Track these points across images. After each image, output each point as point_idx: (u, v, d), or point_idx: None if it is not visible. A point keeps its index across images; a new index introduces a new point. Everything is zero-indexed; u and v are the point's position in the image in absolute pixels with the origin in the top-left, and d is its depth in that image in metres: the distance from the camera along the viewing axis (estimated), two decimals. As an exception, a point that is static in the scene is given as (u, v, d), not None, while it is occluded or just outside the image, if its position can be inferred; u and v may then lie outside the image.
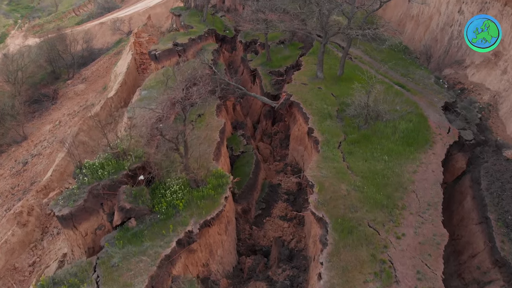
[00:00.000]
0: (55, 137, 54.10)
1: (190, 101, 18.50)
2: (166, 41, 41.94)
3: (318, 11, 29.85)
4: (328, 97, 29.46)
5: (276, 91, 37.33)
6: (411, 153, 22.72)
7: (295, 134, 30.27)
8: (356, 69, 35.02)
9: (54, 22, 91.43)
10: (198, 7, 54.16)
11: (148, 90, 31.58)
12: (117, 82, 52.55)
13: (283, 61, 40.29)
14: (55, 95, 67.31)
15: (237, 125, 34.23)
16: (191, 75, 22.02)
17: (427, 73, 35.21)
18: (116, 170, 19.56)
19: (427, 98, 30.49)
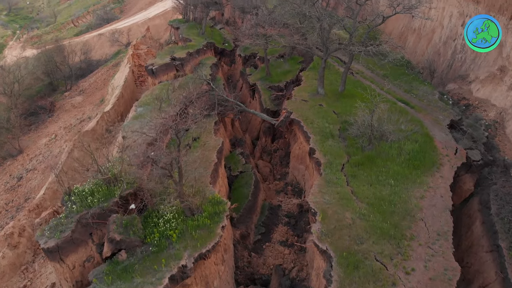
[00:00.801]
0: (51, 151, 53.19)
1: (184, 127, 17.46)
2: (164, 55, 41.09)
3: (319, 26, 29.00)
4: (330, 114, 28.47)
5: (276, 106, 36.39)
6: (417, 176, 21.64)
7: (296, 153, 29.22)
8: (357, 85, 34.09)
9: (52, 33, 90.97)
10: (197, 19, 53.48)
11: (144, 107, 30.59)
12: (114, 95, 51.65)
13: (283, 76, 39.40)
14: (52, 108, 66.50)
15: (235, 142, 33.21)
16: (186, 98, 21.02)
17: (431, 88, 34.27)
18: (107, 197, 18.46)
19: (432, 116, 29.49)
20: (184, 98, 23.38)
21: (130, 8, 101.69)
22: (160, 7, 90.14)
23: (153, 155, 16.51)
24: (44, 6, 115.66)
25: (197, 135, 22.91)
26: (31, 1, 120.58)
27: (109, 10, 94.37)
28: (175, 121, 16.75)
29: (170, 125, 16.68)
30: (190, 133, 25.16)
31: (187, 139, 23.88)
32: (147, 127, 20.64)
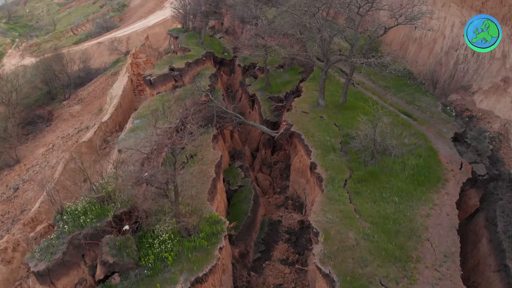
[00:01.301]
0: (47, 161, 52.54)
1: (180, 145, 16.79)
2: (162, 65, 40.57)
3: (320, 37, 28.47)
4: (331, 127, 27.84)
5: (276, 117, 35.79)
6: (422, 193, 20.94)
7: (296, 166, 28.54)
8: (359, 96, 33.54)
9: (51, 42, 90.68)
10: (196, 29, 53.09)
11: (141, 119, 29.97)
12: (112, 105, 51.05)
13: (282, 86, 38.86)
14: (50, 117, 65.90)
15: (235, 154, 32.53)
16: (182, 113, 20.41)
17: (433, 100, 33.70)
18: (100, 216, 17.74)
19: (435, 128, 28.88)
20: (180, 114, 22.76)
21: (129, 16, 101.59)
22: (160, 16, 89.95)
23: (147, 175, 15.83)
24: (44, 14, 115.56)
25: (194, 151, 22.23)
26: (30, 9, 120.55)
27: (109, 18, 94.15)
28: (171, 139, 16.09)
29: (165, 143, 16.01)
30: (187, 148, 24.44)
31: (183, 155, 23.20)
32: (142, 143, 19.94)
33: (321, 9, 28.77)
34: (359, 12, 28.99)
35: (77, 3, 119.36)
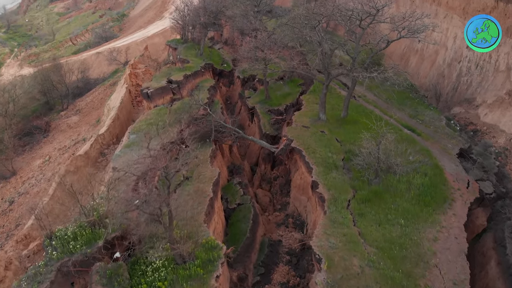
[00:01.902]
0: (43, 174, 51.73)
1: (174, 170, 15.94)
2: (160, 77, 39.89)
3: (320, 51, 27.80)
4: (333, 143, 27.03)
5: (276, 131, 35.00)
6: (429, 214, 20.06)
7: (297, 182, 27.66)
8: (360, 109, 32.80)
9: (50, 52, 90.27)
10: (195, 40, 52.50)
11: (137, 134, 29.15)
12: (110, 117, 50.30)
13: (282, 99, 38.13)
14: (47, 128, 65.16)
15: (233, 169, 31.67)
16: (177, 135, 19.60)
17: (437, 114, 32.95)
18: (91, 241, 16.84)
19: (440, 144, 28.07)
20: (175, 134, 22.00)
21: (129, 26, 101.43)
22: (159, 26, 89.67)
23: (138, 203, 14.99)
24: (43, 24, 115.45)
25: (190, 173, 21.35)
26: (30, 19, 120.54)
27: (108, 28, 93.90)
28: (165, 161, 15.26)
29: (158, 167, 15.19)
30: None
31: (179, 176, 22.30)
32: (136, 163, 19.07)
33: (322, 22, 28.10)
34: (361, 25, 28.38)
35: (76, 12, 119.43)
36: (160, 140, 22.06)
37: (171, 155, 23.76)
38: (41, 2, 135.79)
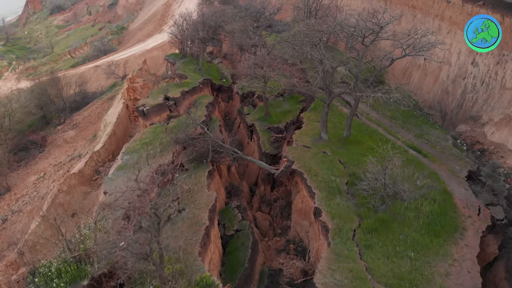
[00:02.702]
0: (37, 191, 50.54)
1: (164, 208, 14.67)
2: (157, 94, 38.85)
3: (322, 69, 26.79)
4: (336, 165, 25.82)
5: (276, 149, 33.84)
6: (440, 246, 18.77)
7: (298, 206, 26.38)
8: (363, 128, 31.68)
9: (48, 65, 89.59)
10: (194, 54, 51.67)
11: (131, 155, 27.97)
12: (106, 133, 49.16)
13: (282, 116, 37.04)
14: (43, 142, 64.13)
15: (232, 190, 30.40)
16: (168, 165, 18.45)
17: (443, 133, 31.80)
18: (76, 278, 15.52)
19: (448, 166, 26.87)
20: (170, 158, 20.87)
21: (128, 39, 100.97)
22: (158, 39, 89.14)
23: (124, 245, 13.73)
24: (42, 37, 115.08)
25: (183, 203, 20.03)
26: (29, 31, 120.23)
27: (107, 41, 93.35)
28: (154, 196, 14.05)
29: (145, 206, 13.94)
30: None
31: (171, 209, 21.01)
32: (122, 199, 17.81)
33: (323, 39, 27.13)
34: (363, 43, 27.44)
35: (76, 25, 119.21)
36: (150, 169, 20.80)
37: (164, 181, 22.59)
38: (40, 14, 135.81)
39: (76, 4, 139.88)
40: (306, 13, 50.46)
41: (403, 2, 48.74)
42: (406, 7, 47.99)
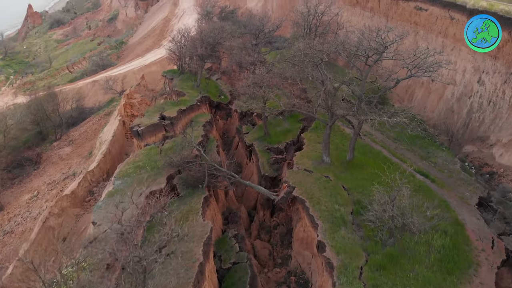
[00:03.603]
0: (30, 212, 49.11)
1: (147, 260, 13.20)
2: (153, 112, 37.61)
3: (324, 90, 25.58)
4: (339, 191, 24.37)
5: (275, 172, 32.43)
6: (453, 285, 17.24)
7: (300, 235, 24.83)
8: (367, 150, 30.33)
9: (46, 80, 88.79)
10: (192, 71, 50.59)
11: (123, 180, 26.54)
12: (101, 152, 47.82)
13: (282, 136, 35.73)
14: (38, 159, 62.78)
15: (229, 215, 28.89)
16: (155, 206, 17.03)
17: (450, 156, 30.44)
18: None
19: (457, 192, 25.44)
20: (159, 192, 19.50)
21: (127, 54, 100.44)
22: (157, 54, 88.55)
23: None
24: (41, 51, 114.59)
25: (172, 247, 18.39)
26: (28, 46, 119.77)
27: (106, 56, 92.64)
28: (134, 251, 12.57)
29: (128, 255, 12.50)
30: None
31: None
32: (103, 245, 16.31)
33: (325, 59, 25.99)
34: (367, 63, 26.29)
35: (75, 40, 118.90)
36: (141, 202, 19.35)
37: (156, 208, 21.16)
38: (40, 29, 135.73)
39: (76, 19, 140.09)
40: (306, 29, 49.64)
41: (405, 19, 47.88)
42: (408, 24, 47.10)
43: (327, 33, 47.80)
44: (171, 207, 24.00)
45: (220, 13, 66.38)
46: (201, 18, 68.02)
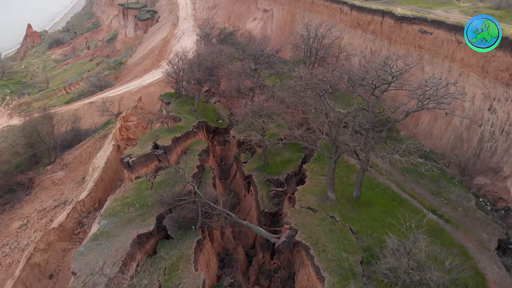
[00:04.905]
0: (18, 242, 46.81)
1: None
2: (146, 140, 35.64)
3: (328, 122, 23.68)
4: (347, 235, 22.12)
5: (276, 206, 30.28)
6: None
7: (303, 284, 22.42)
8: (374, 184, 28.24)
9: (42, 101, 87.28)
10: (189, 94, 48.94)
11: (110, 219, 24.32)
12: (93, 179, 45.71)
13: (282, 166, 33.71)
14: (30, 184, 60.62)
15: (225, 257, 26.56)
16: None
17: (463, 191, 28.28)
18: None
19: (474, 235, 23.22)
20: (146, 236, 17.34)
21: (125, 74, 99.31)
22: (156, 75, 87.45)
23: None
24: (39, 71, 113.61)
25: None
26: (26, 65, 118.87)
27: (103, 77, 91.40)
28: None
29: None
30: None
31: None
32: None
33: (329, 91, 24.18)
34: (374, 93, 24.50)
35: (74, 59, 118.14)
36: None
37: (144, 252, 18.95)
38: (39, 48, 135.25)
39: (76, 39, 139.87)
40: (306, 52, 48.26)
41: (408, 42, 46.45)
42: (412, 47, 45.65)
43: (328, 57, 46.38)
44: (160, 253, 21.82)
45: (219, 34, 65.23)
46: (200, 39, 66.92)
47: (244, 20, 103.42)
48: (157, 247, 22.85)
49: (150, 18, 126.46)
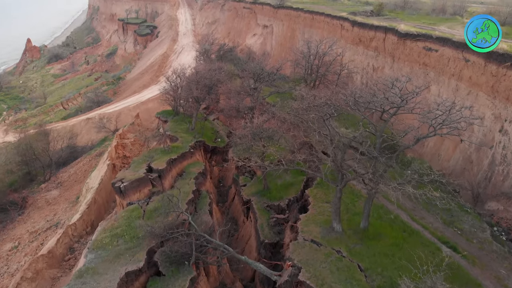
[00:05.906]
0: (8, 266, 44.99)
1: None
2: (140, 163, 33.94)
3: (333, 148, 22.01)
4: (355, 275, 20.19)
5: (276, 236, 28.41)
6: None
7: (307, 325, 20.51)
8: (382, 213, 26.40)
9: (38, 116, 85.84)
10: (187, 112, 47.46)
11: (97, 253, 22.46)
12: (85, 201, 43.91)
13: (283, 190, 31.92)
14: (24, 204, 58.80)
15: (223, 292, 24.67)
16: None
17: (477, 220, 26.43)
18: None
19: (492, 271, 21.32)
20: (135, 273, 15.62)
21: (124, 89, 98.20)
22: (155, 90, 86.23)
23: None
24: (37, 86, 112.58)
25: None
26: (24, 80, 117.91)
27: (101, 92, 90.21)
28: None
29: None
30: None
31: None
32: None
33: (334, 116, 22.59)
34: (382, 117, 22.90)
35: (72, 74, 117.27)
36: None
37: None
38: (38, 63, 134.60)
39: (75, 53, 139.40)
40: (306, 69, 46.94)
41: (413, 60, 45.05)
42: (417, 65, 44.23)
43: (329, 74, 45.03)
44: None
45: (219, 50, 64.12)
46: (199, 55, 65.83)
47: (244, 36, 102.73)
48: (148, 284, 21.02)
49: (149, 33, 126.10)
